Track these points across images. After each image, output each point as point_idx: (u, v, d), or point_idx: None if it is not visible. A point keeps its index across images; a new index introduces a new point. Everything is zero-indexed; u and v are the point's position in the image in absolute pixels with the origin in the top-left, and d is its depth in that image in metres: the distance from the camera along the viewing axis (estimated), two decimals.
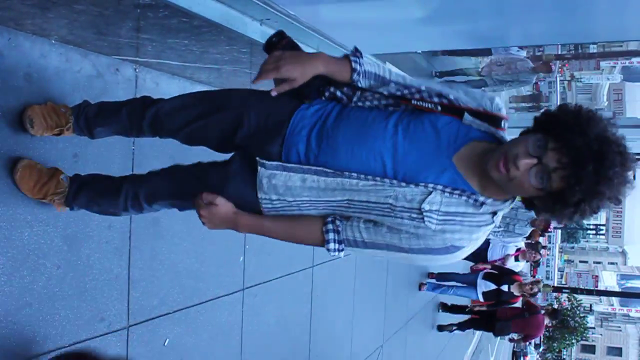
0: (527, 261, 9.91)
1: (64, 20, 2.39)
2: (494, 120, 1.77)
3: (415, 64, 6.32)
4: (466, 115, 1.76)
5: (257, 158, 1.88)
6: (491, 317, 9.30)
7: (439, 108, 1.79)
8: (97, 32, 2.53)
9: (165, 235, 3.33)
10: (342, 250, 1.87)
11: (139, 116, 2.23)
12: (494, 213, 1.73)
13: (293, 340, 5.27)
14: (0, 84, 2.37)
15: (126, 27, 2.48)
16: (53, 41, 2.59)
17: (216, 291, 3.91)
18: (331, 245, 1.85)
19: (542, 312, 9.20)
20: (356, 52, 1.88)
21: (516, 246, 9.46)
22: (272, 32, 2.63)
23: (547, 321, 9.37)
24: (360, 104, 1.91)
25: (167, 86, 3.33)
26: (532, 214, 9.09)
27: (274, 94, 1.86)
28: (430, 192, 1.70)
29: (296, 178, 1.84)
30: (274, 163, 1.86)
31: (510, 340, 10.48)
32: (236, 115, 1.99)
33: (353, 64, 1.84)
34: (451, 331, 10.77)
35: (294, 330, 5.29)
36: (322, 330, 5.81)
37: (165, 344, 3.39)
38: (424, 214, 1.70)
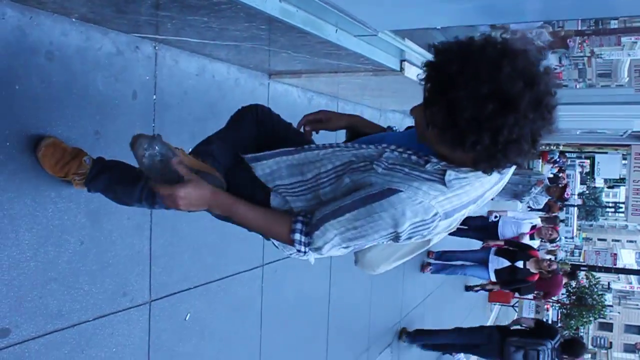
0: (542, 239, 9.01)
1: None
2: None
3: (434, 39, 6.27)
4: None
5: (242, 155, 2.08)
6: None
7: None
8: (116, 10, 2.54)
9: (185, 212, 3.36)
10: (310, 236, 1.83)
11: None
12: (444, 172, 1.63)
13: (312, 316, 5.31)
14: (23, 63, 2.39)
15: (145, 5, 2.48)
16: (74, 19, 2.61)
17: (236, 267, 3.96)
18: (297, 226, 1.83)
19: (561, 273, 9.26)
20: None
21: (531, 223, 8.57)
22: (291, 8, 2.64)
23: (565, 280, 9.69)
24: None
25: (186, 64, 3.34)
26: (547, 181, 9.09)
27: (307, 128, 2.18)
28: (384, 152, 1.74)
29: (271, 162, 2.00)
30: (249, 155, 2.06)
31: (533, 298, 10.61)
32: (273, 141, 2.21)
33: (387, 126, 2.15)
34: (476, 291, 11.29)
35: (313, 305, 5.33)
36: (340, 306, 5.85)
37: (187, 318, 3.45)
38: (375, 162, 1.71)
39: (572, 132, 9.27)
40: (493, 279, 8.12)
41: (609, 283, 40.95)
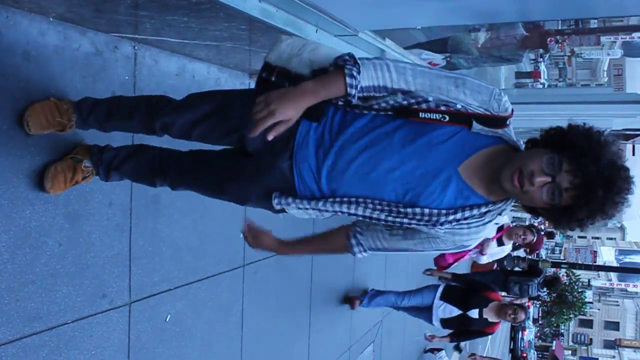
0: (515, 243, 7.03)
1: None
2: (501, 119, 1.82)
3: (415, 40, 6.28)
4: (474, 124, 1.78)
5: (273, 196, 2.01)
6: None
7: (447, 118, 1.78)
8: (95, 9, 2.52)
9: (165, 213, 3.35)
10: (367, 253, 2.10)
11: (150, 124, 2.29)
12: (499, 213, 1.90)
13: (293, 317, 5.31)
14: None
15: (124, 4, 2.46)
16: (51, 19, 2.58)
17: (217, 268, 3.94)
18: (358, 255, 2.12)
19: (542, 232, 9.37)
20: (350, 62, 1.78)
21: (497, 224, 6.44)
22: (271, 8, 2.63)
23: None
24: (364, 110, 1.87)
25: (166, 64, 3.32)
26: None
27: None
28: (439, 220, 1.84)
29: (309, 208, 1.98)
30: (289, 200, 1.98)
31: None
32: (237, 129, 2.02)
33: (348, 80, 1.75)
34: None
35: (294, 306, 5.33)
36: (322, 307, 5.85)
37: (167, 320, 3.43)
38: (435, 224, 1.84)
39: None
40: (439, 327, 6.47)
41: (589, 280, 41.36)
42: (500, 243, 6.63)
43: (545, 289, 9.72)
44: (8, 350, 2.43)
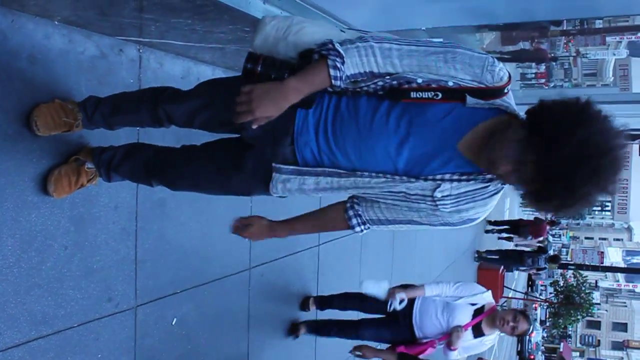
0: (500, 331, 4.40)
1: (67, 0, 2.39)
2: (497, 90, 1.73)
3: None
4: (468, 98, 1.72)
5: (273, 164, 1.97)
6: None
7: (439, 95, 1.73)
8: (100, 12, 2.52)
9: (171, 216, 3.35)
10: (369, 228, 2.03)
11: (155, 113, 2.29)
12: (502, 185, 1.82)
13: (299, 319, 5.29)
14: (4, 66, 2.37)
15: (129, 7, 2.47)
16: (56, 22, 2.59)
17: (223, 270, 3.94)
18: (357, 229, 2.03)
19: (545, 222, 14.22)
20: (334, 53, 1.74)
21: (474, 305, 4.39)
22: (275, 10, 2.63)
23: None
24: (358, 89, 1.84)
25: (171, 66, 3.32)
26: None
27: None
28: (439, 184, 1.78)
29: (310, 181, 1.93)
30: (290, 167, 1.95)
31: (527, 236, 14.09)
32: (231, 121, 1.92)
33: (332, 72, 1.73)
34: None
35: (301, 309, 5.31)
36: (330, 310, 5.83)
37: (173, 323, 3.42)
38: (437, 202, 1.80)
39: None
40: None
41: (596, 281, 41.25)
42: (478, 333, 4.36)
43: (548, 263, 13.54)
44: (14, 353, 2.43)
